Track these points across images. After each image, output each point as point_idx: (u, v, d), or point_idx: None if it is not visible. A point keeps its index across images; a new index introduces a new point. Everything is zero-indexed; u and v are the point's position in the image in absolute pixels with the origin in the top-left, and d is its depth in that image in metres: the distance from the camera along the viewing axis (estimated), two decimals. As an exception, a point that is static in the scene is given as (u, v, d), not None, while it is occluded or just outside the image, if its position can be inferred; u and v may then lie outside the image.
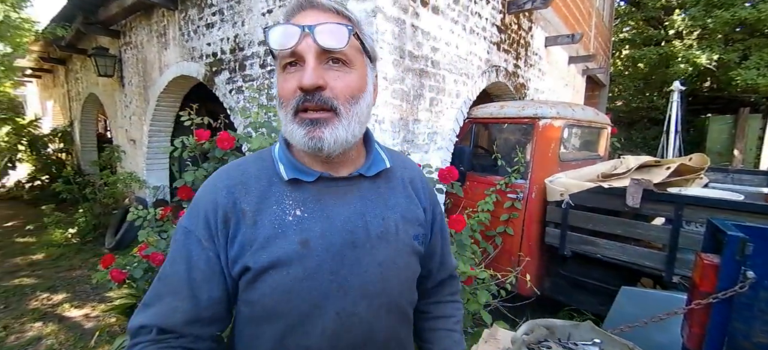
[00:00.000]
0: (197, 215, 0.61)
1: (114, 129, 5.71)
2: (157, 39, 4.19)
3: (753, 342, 1.09)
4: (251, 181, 0.63)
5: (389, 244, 0.65)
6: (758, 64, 9.10)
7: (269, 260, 0.58)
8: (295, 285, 0.59)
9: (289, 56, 0.58)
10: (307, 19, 0.58)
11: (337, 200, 0.64)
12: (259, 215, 0.61)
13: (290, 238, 0.59)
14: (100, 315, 2.89)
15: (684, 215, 2.08)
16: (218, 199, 0.61)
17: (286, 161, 0.64)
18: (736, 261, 0.99)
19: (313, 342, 0.60)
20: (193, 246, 0.60)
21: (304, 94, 0.57)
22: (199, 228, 0.60)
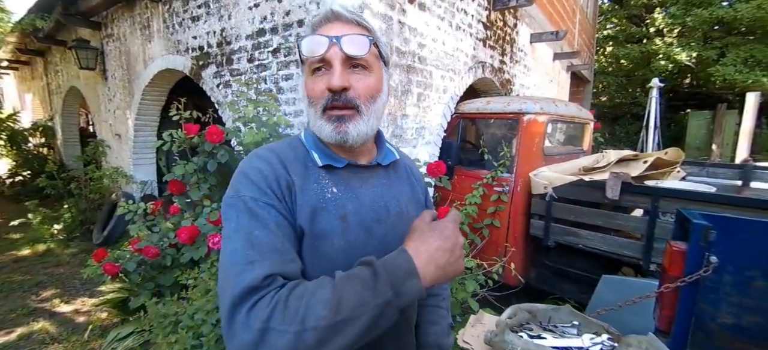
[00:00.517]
0: (259, 185, 0.65)
1: (97, 123, 5.60)
2: (140, 31, 4.11)
3: (718, 322, 1.18)
4: (291, 161, 0.71)
5: (404, 221, 0.75)
6: (735, 61, 9.44)
7: (320, 230, 0.67)
8: (338, 256, 0.67)
9: (318, 62, 0.67)
10: (334, 30, 0.67)
11: (362, 183, 0.74)
12: (305, 188, 0.69)
13: (332, 212, 0.68)
14: (92, 310, 2.87)
15: (660, 207, 2.18)
16: (277, 171, 0.67)
17: (318, 150, 0.73)
18: (700, 247, 1.06)
19: None
20: (269, 211, 0.63)
21: (332, 94, 0.67)
22: (267, 195, 0.64)
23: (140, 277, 2.05)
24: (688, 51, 10.26)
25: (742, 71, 9.15)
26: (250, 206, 0.63)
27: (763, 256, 1.09)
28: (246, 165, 0.69)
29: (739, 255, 1.12)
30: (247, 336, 0.51)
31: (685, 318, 1.12)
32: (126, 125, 4.71)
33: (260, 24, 2.83)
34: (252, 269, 0.56)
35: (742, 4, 9.07)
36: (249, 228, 0.61)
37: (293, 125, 2.76)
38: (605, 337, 1.07)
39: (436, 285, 0.87)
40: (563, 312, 1.18)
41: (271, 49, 2.80)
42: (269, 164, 0.68)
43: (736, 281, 1.14)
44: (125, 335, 2.05)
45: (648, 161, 2.56)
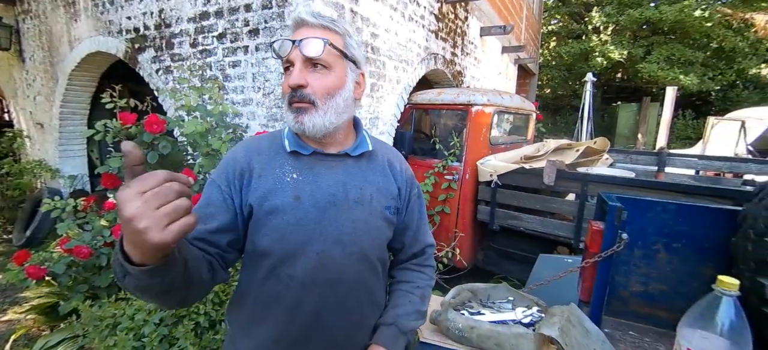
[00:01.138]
0: (220, 169, 0.81)
1: (14, 111, 4.98)
2: (64, 9, 3.70)
3: (630, 291, 1.34)
4: (264, 149, 0.83)
5: (363, 208, 0.83)
6: (658, 59, 10.51)
7: (270, 207, 0.77)
8: (288, 229, 0.77)
9: (286, 62, 0.78)
10: (301, 33, 0.77)
11: (326, 170, 0.82)
12: (265, 172, 0.80)
13: (287, 193, 0.78)
14: (14, 319, 2.59)
15: (589, 191, 2.41)
16: (238, 158, 0.81)
17: (290, 138, 0.83)
18: (614, 226, 1.20)
19: (297, 273, 0.78)
20: (213, 189, 0.79)
21: (292, 91, 0.77)
22: (220, 179, 0.79)
23: (71, 279, 1.90)
24: (620, 49, 11.25)
25: (663, 68, 10.22)
26: (207, 185, 0.81)
27: (665, 231, 1.25)
28: (227, 154, 0.85)
29: (646, 232, 1.28)
30: None
31: (602, 288, 1.26)
32: (50, 114, 4.24)
33: (204, 6, 2.68)
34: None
35: (667, 7, 10.09)
36: (201, 200, 0.80)
37: (241, 114, 2.66)
38: (535, 310, 1.18)
39: None
40: (500, 289, 1.28)
41: (216, 33, 2.66)
42: (235, 152, 0.83)
43: (644, 254, 1.30)
44: (55, 343, 1.89)
45: (580, 149, 2.80)
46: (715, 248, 1.19)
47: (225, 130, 2.10)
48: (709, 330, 0.76)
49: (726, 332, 0.74)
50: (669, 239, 1.24)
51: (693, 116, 11.12)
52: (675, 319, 0.93)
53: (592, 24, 12.56)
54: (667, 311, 1.29)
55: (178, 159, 2.16)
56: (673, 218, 1.22)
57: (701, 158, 3.54)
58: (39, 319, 2.27)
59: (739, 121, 5.26)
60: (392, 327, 0.86)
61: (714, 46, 10.70)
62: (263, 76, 2.52)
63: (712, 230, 1.19)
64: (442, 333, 1.19)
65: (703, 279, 1.21)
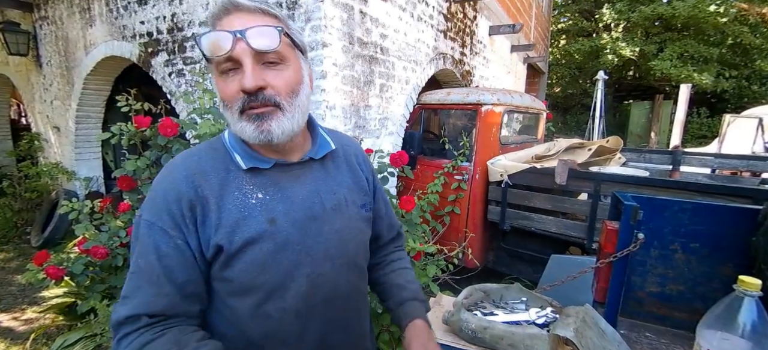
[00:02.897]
0: (158, 206, 0.63)
1: (32, 115, 5.10)
2: (79, 14, 3.79)
3: (646, 291, 1.32)
4: (209, 170, 0.66)
5: (342, 214, 0.75)
6: (671, 56, 10.31)
7: (243, 240, 0.64)
8: (269, 258, 0.65)
9: (225, 61, 0.61)
10: (236, 23, 0.60)
11: (294, 182, 0.71)
12: (222, 200, 0.65)
13: (258, 218, 0.65)
14: (33, 317, 2.66)
15: (601, 190, 2.38)
16: (180, 189, 0.63)
17: (241, 151, 0.68)
18: (630, 226, 1.18)
19: (288, 304, 0.68)
20: (159, 237, 0.62)
21: (247, 95, 0.61)
22: (162, 219, 0.62)
23: (88, 279, 1.94)
24: (631, 46, 11.07)
25: (676, 66, 10.02)
26: (143, 230, 0.63)
27: (682, 231, 1.23)
28: (155, 180, 0.67)
29: (662, 231, 1.26)
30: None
31: (618, 289, 1.24)
32: (66, 117, 4.34)
33: (214, 10, 2.71)
34: (124, 305, 0.61)
35: (680, 3, 9.89)
36: (140, 252, 0.62)
37: (253, 117, 2.69)
38: (549, 310, 1.17)
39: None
40: (513, 289, 1.27)
41: (227, 37, 2.69)
42: (173, 181, 0.64)
43: (661, 254, 1.28)
44: (73, 341, 1.93)
45: (592, 148, 2.77)
46: (733, 247, 1.16)
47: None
48: (730, 331, 0.75)
49: (748, 333, 0.73)
50: (686, 239, 1.22)
51: (707, 114, 10.89)
52: (692, 320, 0.92)
53: (602, 21, 12.38)
54: (685, 312, 1.26)
55: (191, 161, 2.19)
56: (690, 218, 1.20)
57: (717, 157, 3.46)
58: (57, 318, 2.33)
59: (756, 118, 5.14)
60: (415, 302, 0.85)
61: (729, 43, 10.46)
62: (274, 78, 2.54)
63: (730, 230, 1.16)
64: (454, 333, 1.18)
65: (722, 279, 1.18)
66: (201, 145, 0.73)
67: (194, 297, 0.65)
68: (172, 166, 0.68)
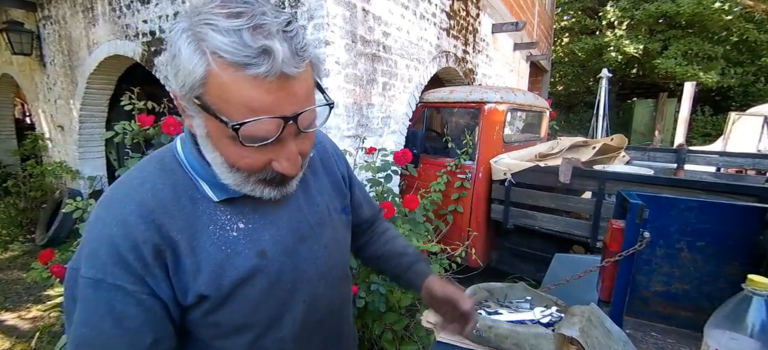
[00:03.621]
0: (102, 258, 0.48)
1: (36, 114, 5.13)
2: (82, 14, 3.80)
3: (651, 290, 1.31)
4: (169, 203, 0.52)
5: (327, 226, 0.69)
6: (675, 54, 10.24)
7: (232, 282, 0.54)
8: (264, 295, 0.58)
9: (257, 140, 0.47)
10: (286, 97, 0.46)
11: (274, 204, 0.60)
12: (195, 240, 0.53)
13: (244, 254, 0.56)
14: (38, 316, 2.68)
15: (606, 189, 2.36)
16: (135, 232, 0.49)
17: (209, 179, 0.55)
18: (636, 224, 1.17)
19: (285, 334, 0.62)
20: (114, 297, 0.48)
21: (280, 175, 0.53)
22: (113, 274, 0.48)
23: (93, 277, 1.95)
24: (635, 43, 11.00)
25: (681, 64, 9.95)
26: (84, 291, 0.47)
27: (688, 230, 1.22)
28: (91, 224, 0.51)
29: (668, 230, 1.25)
30: None
31: (623, 288, 1.23)
32: (70, 116, 4.36)
33: (217, 9, 2.71)
34: None
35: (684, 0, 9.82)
36: (79, 322, 0.48)
37: (255, 115, 2.69)
38: (554, 309, 1.17)
39: None
40: (518, 288, 1.27)
41: (230, 35, 2.69)
42: (123, 225, 0.49)
43: (666, 253, 1.27)
44: (78, 338, 1.94)
45: (596, 146, 2.75)
46: (740, 246, 1.15)
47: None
48: (739, 331, 0.74)
49: (757, 333, 0.72)
50: (692, 238, 1.21)
51: (712, 112, 10.81)
52: (699, 319, 0.91)
53: (606, 19, 12.31)
54: (691, 311, 1.25)
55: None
56: (696, 216, 1.19)
57: (722, 155, 3.44)
58: (62, 316, 2.34)
59: (761, 116, 5.09)
60: (422, 263, 0.86)
61: (734, 40, 10.37)
62: (276, 77, 2.54)
63: (737, 228, 1.15)
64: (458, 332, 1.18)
65: (728, 278, 1.17)
66: (148, 165, 0.56)
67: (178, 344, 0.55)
68: (114, 202, 0.51)
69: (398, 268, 0.87)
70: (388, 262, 0.89)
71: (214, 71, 0.43)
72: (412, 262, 0.86)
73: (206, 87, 0.44)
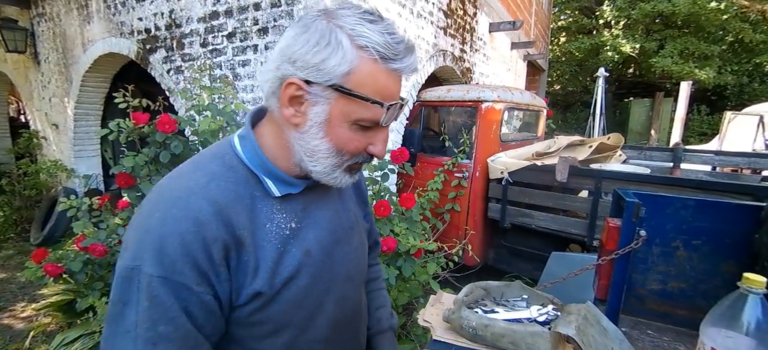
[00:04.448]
0: (174, 257, 0.48)
1: (30, 112, 5.09)
2: (77, 11, 3.76)
3: (647, 289, 1.32)
4: (234, 200, 0.54)
5: (355, 231, 0.73)
6: (672, 53, 10.28)
7: (283, 280, 0.56)
8: (305, 293, 0.60)
9: (369, 116, 0.53)
10: (397, 93, 0.55)
11: (318, 204, 0.65)
12: (256, 237, 0.55)
13: (293, 253, 0.58)
14: (33, 315, 2.66)
15: (602, 188, 2.37)
16: (208, 234, 0.50)
17: (270, 175, 0.58)
18: (632, 223, 1.17)
19: (319, 334, 0.64)
20: (183, 295, 0.48)
21: (367, 157, 0.58)
22: (183, 273, 0.48)
23: (87, 277, 1.93)
24: (632, 43, 11.04)
25: (677, 63, 10.00)
26: (155, 291, 0.47)
27: (684, 228, 1.22)
28: (158, 219, 0.50)
29: (664, 228, 1.25)
30: None
31: (619, 286, 1.24)
32: (64, 115, 4.33)
33: (213, 6, 2.70)
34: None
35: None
36: (151, 322, 0.47)
37: (252, 114, 2.67)
38: (550, 308, 1.16)
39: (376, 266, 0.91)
40: (514, 287, 1.26)
41: (226, 33, 2.68)
42: (197, 222, 0.49)
43: (663, 251, 1.27)
44: (72, 339, 1.93)
45: (593, 145, 2.76)
46: (735, 245, 1.15)
47: (236, 128, 2.11)
48: (734, 329, 0.74)
49: (752, 331, 0.72)
50: (688, 236, 1.21)
51: (708, 111, 10.86)
52: (694, 318, 0.91)
53: (603, 18, 12.35)
54: (687, 309, 1.26)
55: (190, 158, 2.18)
56: (692, 215, 1.19)
57: (718, 154, 3.45)
58: (56, 316, 2.33)
59: (757, 115, 5.12)
60: (389, 333, 0.88)
61: (730, 40, 10.42)
62: (273, 75, 2.53)
63: (733, 227, 1.15)
64: (455, 331, 1.17)
65: (724, 276, 1.18)
66: (209, 162, 0.58)
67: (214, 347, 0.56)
68: (186, 198, 0.51)
69: (369, 323, 0.87)
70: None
71: (364, 62, 0.50)
72: (380, 329, 0.87)
73: (350, 75, 0.50)
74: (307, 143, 0.55)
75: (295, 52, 0.51)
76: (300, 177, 0.60)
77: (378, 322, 0.87)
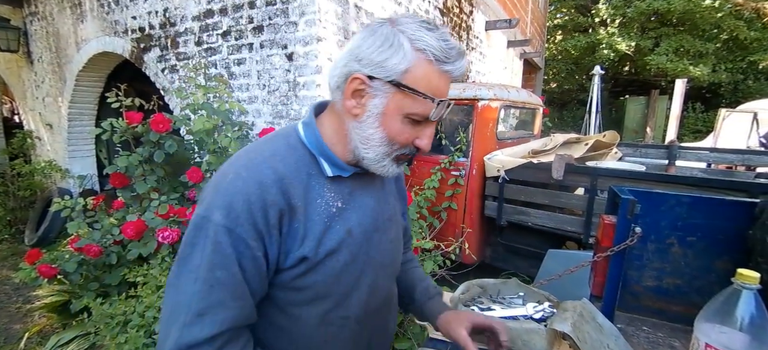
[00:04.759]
0: (239, 212, 0.56)
1: (24, 112, 5.04)
2: (70, 10, 3.73)
3: (643, 285, 1.32)
4: (292, 174, 0.62)
5: (393, 224, 0.78)
6: (667, 51, 10.33)
7: (326, 250, 0.63)
8: (344, 269, 0.66)
9: (418, 110, 0.60)
10: (446, 93, 0.62)
11: (364, 191, 0.72)
12: (307, 209, 0.63)
13: (338, 229, 0.65)
14: (27, 316, 2.64)
15: (598, 185, 2.38)
16: (269, 195, 0.58)
17: (326, 158, 0.66)
18: (627, 219, 1.17)
19: (351, 312, 0.70)
20: (241, 247, 0.56)
21: (414, 150, 0.65)
22: (244, 227, 0.56)
23: (82, 278, 1.92)
24: (627, 41, 11.08)
25: (672, 60, 10.05)
26: (220, 237, 0.55)
27: (679, 225, 1.23)
28: (231, 179, 0.59)
29: (659, 225, 1.25)
30: None
31: (615, 283, 1.24)
32: (58, 114, 4.29)
33: (208, 4, 2.68)
34: (200, 323, 0.54)
35: (676, -3, 9.90)
36: (211, 265, 0.55)
37: (248, 112, 2.66)
38: (547, 305, 1.17)
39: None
40: (510, 285, 1.27)
41: (221, 31, 2.66)
42: (260, 185, 0.58)
43: (658, 248, 1.28)
44: (68, 340, 1.91)
45: (589, 143, 2.77)
46: (730, 241, 1.16)
47: (231, 127, 2.10)
48: (728, 324, 0.74)
49: (746, 327, 0.72)
50: (683, 233, 1.21)
51: (702, 109, 10.93)
52: (690, 314, 0.91)
53: (598, 17, 12.39)
54: (682, 305, 1.26)
55: (184, 158, 2.17)
56: (687, 212, 1.20)
57: (713, 151, 3.48)
58: (51, 317, 2.31)
59: (751, 113, 5.16)
60: (440, 296, 0.91)
61: (724, 37, 10.49)
62: (268, 73, 2.52)
63: (727, 223, 1.16)
64: (451, 329, 1.17)
65: (718, 272, 1.18)
66: (275, 141, 0.67)
67: (256, 307, 0.62)
68: (254, 165, 0.60)
69: (415, 294, 0.91)
70: (405, 292, 0.92)
71: (420, 62, 0.58)
72: (432, 295, 0.90)
73: (408, 73, 0.58)
74: (364, 131, 0.62)
75: (362, 52, 0.59)
76: (351, 164, 0.67)
77: (427, 290, 0.91)
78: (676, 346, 1.11)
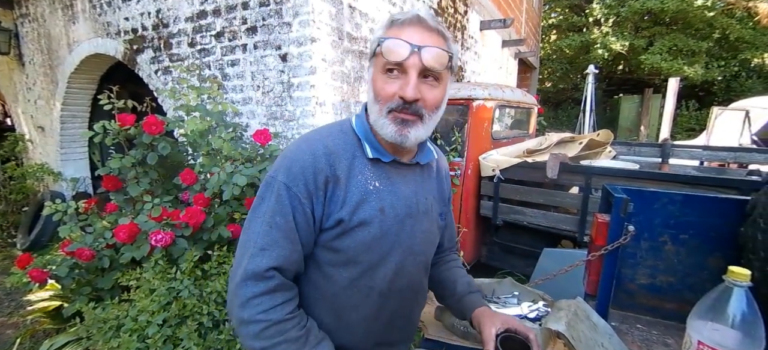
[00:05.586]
0: (296, 174, 0.71)
1: (15, 115, 4.98)
2: (62, 11, 3.69)
3: (636, 283, 1.33)
4: (340, 151, 0.75)
5: (428, 217, 0.85)
6: (661, 50, 10.40)
7: (359, 219, 0.73)
8: (373, 241, 0.75)
9: (393, 65, 0.70)
10: (415, 36, 0.69)
11: (401, 179, 0.80)
12: (349, 181, 0.74)
13: (372, 204, 0.75)
14: (19, 321, 2.60)
15: (592, 184, 2.39)
16: (318, 164, 0.72)
17: (369, 142, 0.77)
18: (621, 218, 1.18)
19: (376, 283, 0.78)
20: (295, 202, 0.71)
21: (402, 101, 0.70)
22: (298, 186, 0.71)
23: (74, 282, 1.89)
24: (621, 40, 11.15)
25: (666, 59, 10.12)
26: (281, 192, 0.71)
27: (672, 223, 1.23)
28: (293, 149, 0.75)
29: (652, 223, 1.26)
30: (241, 313, 0.67)
31: (609, 281, 1.25)
32: (51, 117, 4.24)
33: (201, 5, 2.66)
34: (262, 256, 0.69)
35: (669, -3, 9.97)
36: (273, 212, 0.70)
37: (241, 113, 2.65)
38: (541, 304, 1.17)
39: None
40: (505, 284, 1.27)
41: (214, 32, 2.64)
42: (313, 155, 0.72)
43: (651, 246, 1.28)
44: (60, 345, 1.89)
45: (583, 142, 2.78)
46: (722, 238, 1.17)
47: (225, 129, 2.08)
48: (720, 321, 0.75)
49: (738, 323, 0.73)
50: (676, 231, 1.22)
51: (696, 107, 11.02)
52: (683, 311, 0.92)
53: (592, 16, 12.45)
54: (675, 303, 1.27)
55: (178, 160, 2.15)
56: (679, 209, 1.20)
57: (705, 149, 3.51)
58: (44, 322, 2.28)
59: (743, 110, 5.21)
60: (478, 294, 0.94)
61: (717, 36, 10.58)
62: (262, 74, 2.50)
63: (719, 220, 1.17)
64: (446, 329, 1.17)
65: (711, 270, 1.19)
66: (332, 127, 0.81)
67: (303, 260, 0.75)
68: (311, 141, 0.75)
69: (456, 290, 0.95)
70: (448, 284, 0.98)
71: (386, 28, 0.72)
72: (470, 290, 0.95)
73: (382, 41, 0.70)
74: (369, 98, 0.76)
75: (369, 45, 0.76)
76: (390, 151, 0.78)
77: (469, 284, 0.97)
78: (669, 343, 1.12)
